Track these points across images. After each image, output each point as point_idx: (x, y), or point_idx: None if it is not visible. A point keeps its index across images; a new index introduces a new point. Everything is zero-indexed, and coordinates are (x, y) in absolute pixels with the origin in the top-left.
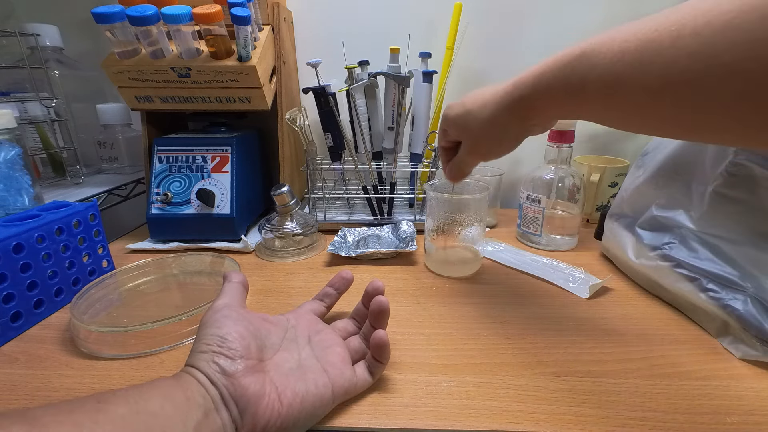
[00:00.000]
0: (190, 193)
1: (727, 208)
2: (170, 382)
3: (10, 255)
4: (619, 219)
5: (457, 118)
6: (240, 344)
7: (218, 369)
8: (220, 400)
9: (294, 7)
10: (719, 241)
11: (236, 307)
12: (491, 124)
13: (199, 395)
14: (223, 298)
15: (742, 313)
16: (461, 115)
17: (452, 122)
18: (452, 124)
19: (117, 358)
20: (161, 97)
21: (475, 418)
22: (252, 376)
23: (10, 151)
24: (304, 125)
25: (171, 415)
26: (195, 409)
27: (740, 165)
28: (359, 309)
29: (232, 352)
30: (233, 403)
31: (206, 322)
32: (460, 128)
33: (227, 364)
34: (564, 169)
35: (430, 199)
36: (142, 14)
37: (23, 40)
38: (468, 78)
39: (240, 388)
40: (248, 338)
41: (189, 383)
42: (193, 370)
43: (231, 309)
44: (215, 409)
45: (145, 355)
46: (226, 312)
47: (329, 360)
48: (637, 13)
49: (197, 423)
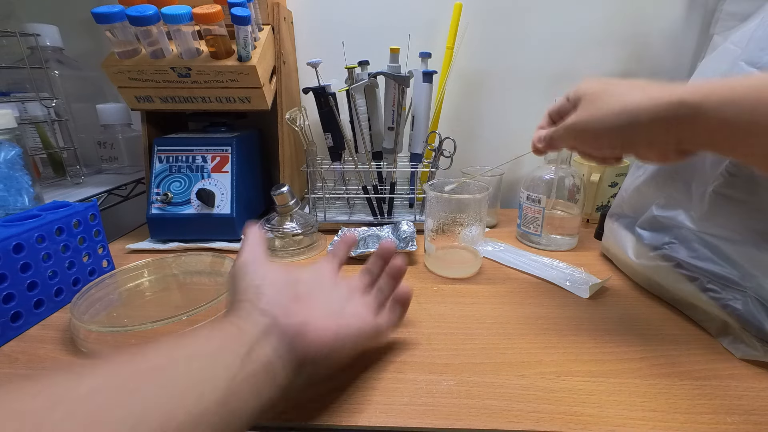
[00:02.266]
0: (190, 193)
1: (727, 208)
2: (209, 331)
3: (10, 255)
4: (619, 219)
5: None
6: (274, 290)
7: (259, 312)
8: (266, 335)
9: (294, 7)
10: (719, 241)
11: (262, 260)
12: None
13: (242, 335)
14: (247, 253)
15: (742, 312)
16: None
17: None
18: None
19: None
20: (161, 97)
21: (475, 417)
22: (293, 315)
23: (10, 151)
24: (304, 125)
25: (215, 351)
26: (240, 346)
27: (740, 165)
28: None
29: (268, 297)
30: (280, 337)
31: (237, 275)
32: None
33: (268, 307)
34: (564, 169)
35: (430, 199)
36: (142, 14)
37: (23, 40)
38: (468, 78)
39: (284, 325)
40: (280, 285)
41: (231, 328)
42: (235, 316)
43: (258, 262)
44: (260, 343)
45: None
46: (255, 265)
47: (354, 306)
48: (638, 12)
49: (244, 358)
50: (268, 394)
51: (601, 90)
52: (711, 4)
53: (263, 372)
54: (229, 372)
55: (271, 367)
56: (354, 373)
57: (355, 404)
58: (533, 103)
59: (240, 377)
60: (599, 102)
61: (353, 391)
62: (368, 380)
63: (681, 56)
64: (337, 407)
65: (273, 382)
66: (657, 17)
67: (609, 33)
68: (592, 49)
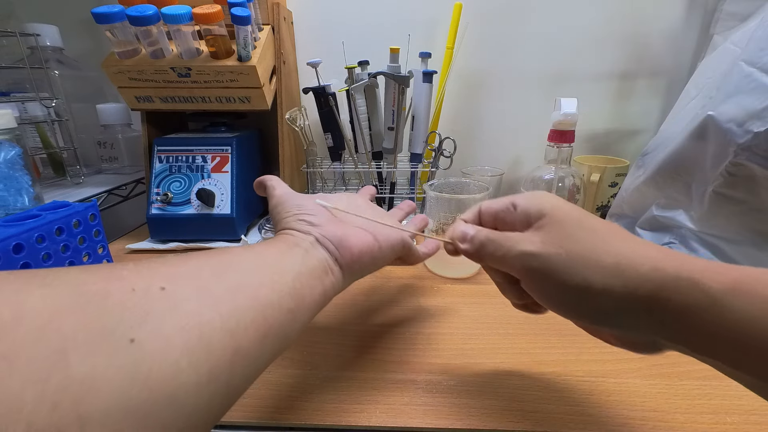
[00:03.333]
0: (190, 193)
1: (727, 208)
2: (267, 241)
3: (10, 255)
4: (619, 219)
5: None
6: (315, 208)
7: (306, 223)
8: (316, 241)
9: (294, 7)
10: (719, 241)
11: (294, 193)
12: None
13: (297, 240)
14: (279, 188)
15: None
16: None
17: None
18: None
19: None
20: (161, 97)
21: (475, 417)
22: (336, 224)
23: (10, 151)
24: (304, 125)
25: (277, 253)
26: (297, 249)
27: (740, 165)
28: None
29: (311, 212)
30: (328, 241)
31: (278, 204)
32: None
33: (313, 219)
34: (564, 169)
35: (430, 199)
36: (142, 14)
37: (23, 40)
38: (468, 78)
39: (330, 231)
40: (317, 207)
41: (285, 237)
42: (286, 231)
43: (292, 191)
44: (313, 247)
45: None
46: (290, 193)
47: (390, 220)
48: (638, 12)
49: (302, 258)
50: (329, 284)
51: (575, 220)
52: (711, 4)
53: (320, 268)
54: (294, 267)
55: (327, 263)
56: (354, 373)
57: (355, 404)
58: (533, 103)
59: (304, 271)
60: (579, 239)
61: (353, 391)
62: (368, 380)
63: (681, 56)
64: (337, 407)
65: (329, 276)
66: (657, 17)
67: (609, 33)
68: (592, 49)
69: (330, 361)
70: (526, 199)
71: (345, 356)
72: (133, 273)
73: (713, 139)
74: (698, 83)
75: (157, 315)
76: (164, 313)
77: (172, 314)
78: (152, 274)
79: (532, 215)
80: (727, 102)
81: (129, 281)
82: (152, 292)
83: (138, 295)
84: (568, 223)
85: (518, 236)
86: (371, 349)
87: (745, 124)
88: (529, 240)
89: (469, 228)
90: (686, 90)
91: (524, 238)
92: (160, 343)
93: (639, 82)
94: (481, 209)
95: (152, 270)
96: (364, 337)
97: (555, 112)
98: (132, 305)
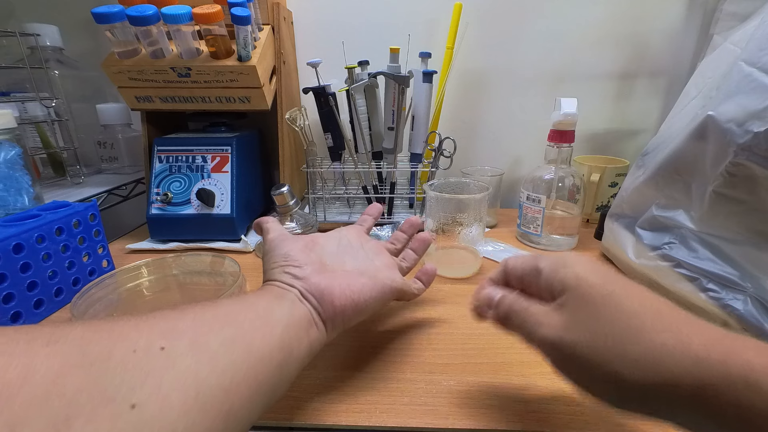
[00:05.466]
0: (190, 193)
1: (727, 208)
2: (255, 292)
3: (10, 255)
4: (619, 219)
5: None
6: (301, 255)
7: (291, 276)
8: (300, 295)
9: (294, 7)
10: (719, 241)
11: (286, 235)
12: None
13: (282, 293)
14: (272, 232)
15: (742, 313)
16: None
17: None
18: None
19: None
20: (161, 97)
21: (475, 417)
22: (320, 275)
23: (10, 151)
24: (304, 125)
25: (267, 305)
26: (284, 301)
27: (740, 165)
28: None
29: (297, 262)
30: (311, 296)
31: (267, 251)
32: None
33: (297, 271)
34: (564, 169)
35: (430, 199)
36: (142, 14)
37: (23, 40)
38: (468, 78)
39: (313, 285)
40: (307, 251)
41: (271, 288)
42: (271, 282)
43: (284, 235)
44: (298, 300)
45: None
46: (281, 238)
47: (381, 263)
48: (638, 12)
49: (290, 309)
50: (314, 337)
51: (601, 298)
52: (711, 4)
53: (306, 321)
54: (282, 319)
55: (311, 317)
56: (354, 373)
57: (356, 404)
58: (533, 103)
59: (291, 323)
60: (606, 323)
61: (353, 391)
62: (368, 380)
63: (681, 56)
64: (337, 407)
65: (314, 329)
66: (657, 17)
67: (609, 32)
68: (592, 49)
69: (330, 361)
70: (550, 267)
71: (344, 356)
72: (134, 330)
73: (713, 139)
74: (698, 83)
75: (156, 375)
76: (163, 372)
77: (171, 373)
78: (151, 330)
79: (555, 289)
80: (727, 102)
81: (131, 341)
82: (152, 351)
83: (139, 355)
84: (593, 302)
85: (540, 316)
86: (371, 349)
87: (745, 124)
88: (550, 324)
89: (495, 292)
90: (686, 90)
91: (545, 322)
92: (159, 405)
93: (639, 82)
94: (507, 270)
95: (152, 326)
96: (364, 337)
97: (555, 112)
98: (133, 366)
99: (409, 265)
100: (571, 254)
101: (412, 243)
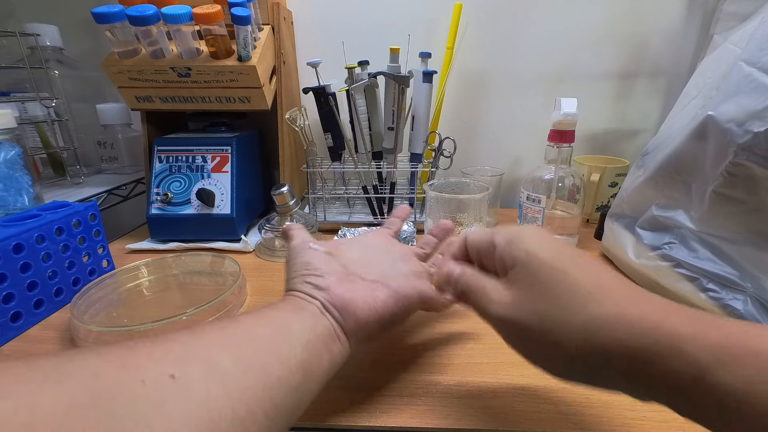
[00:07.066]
0: (190, 193)
1: (727, 208)
2: (276, 304)
3: (10, 255)
4: (619, 219)
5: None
6: (324, 264)
7: (312, 286)
8: (322, 307)
9: (294, 7)
10: (719, 241)
11: (310, 241)
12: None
13: (303, 304)
14: (296, 239)
15: (742, 313)
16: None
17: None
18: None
19: None
20: (161, 97)
21: (475, 417)
22: (343, 285)
23: (10, 151)
24: (304, 125)
25: (286, 319)
26: (305, 314)
27: (740, 165)
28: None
29: (318, 271)
30: (333, 308)
31: (289, 259)
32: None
33: (319, 281)
34: (564, 169)
35: (430, 199)
36: (142, 14)
37: (23, 40)
38: (468, 78)
39: (336, 296)
40: (329, 259)
41: (293, 300)
42: (292, 293)
43: (306, 243)
44: (320, 313)
45: None
46: (303, 245)
47: (408, 270)
48: (638, 12)
49: (312, 323)
50: (336, 351)
51: (549, 274)
52: (711, 4)
53: (327, 335)
54: (303, 335)
55: (333, 330)
56: (354, 373)
57: (356, 404)
58: (533, 103)
59: (312, 339)
60: (552, 297)
61: (354, 392)
62: (368, 380)
63: (681, 56)
64: (337, 407)
65: (336, 344)
66: (657, 17)
67: (609, 33)
68: (592, 49)
69: None
70: (504, 241)
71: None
72: (145, 357)
73: (713, 139)
74: (698, 83)
75: (166, 407)
76: (175, 404)
77: (183, 404)
78: (164, 356)
79: (506, 263)
80: (727, 102)
81: (141, 371)
82: (163, 382)
83: (148, 387)
84: (541, 277)
85: (492, 293)
86: (371, 350)
87: (745, 124)
88: (500, 300)
89: (454, 268)
90: (686, 90)
91: (496, 299)
92: None
93: (639, 82)
94: (467, 245)
95: (165, 351)
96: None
97: (555, 112)
98: (143, 399)
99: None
100: (525, 228)
101: (443, 248)
